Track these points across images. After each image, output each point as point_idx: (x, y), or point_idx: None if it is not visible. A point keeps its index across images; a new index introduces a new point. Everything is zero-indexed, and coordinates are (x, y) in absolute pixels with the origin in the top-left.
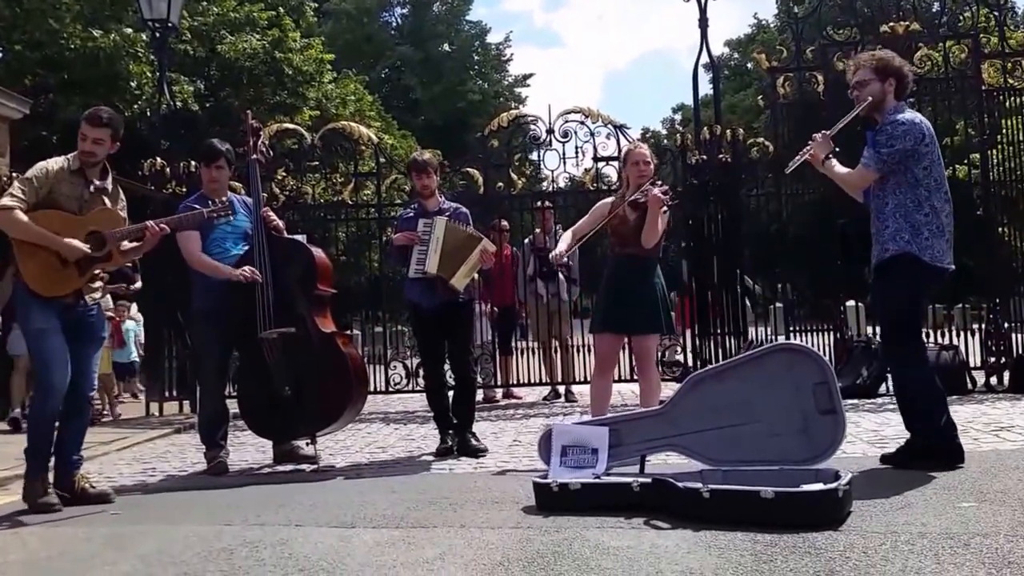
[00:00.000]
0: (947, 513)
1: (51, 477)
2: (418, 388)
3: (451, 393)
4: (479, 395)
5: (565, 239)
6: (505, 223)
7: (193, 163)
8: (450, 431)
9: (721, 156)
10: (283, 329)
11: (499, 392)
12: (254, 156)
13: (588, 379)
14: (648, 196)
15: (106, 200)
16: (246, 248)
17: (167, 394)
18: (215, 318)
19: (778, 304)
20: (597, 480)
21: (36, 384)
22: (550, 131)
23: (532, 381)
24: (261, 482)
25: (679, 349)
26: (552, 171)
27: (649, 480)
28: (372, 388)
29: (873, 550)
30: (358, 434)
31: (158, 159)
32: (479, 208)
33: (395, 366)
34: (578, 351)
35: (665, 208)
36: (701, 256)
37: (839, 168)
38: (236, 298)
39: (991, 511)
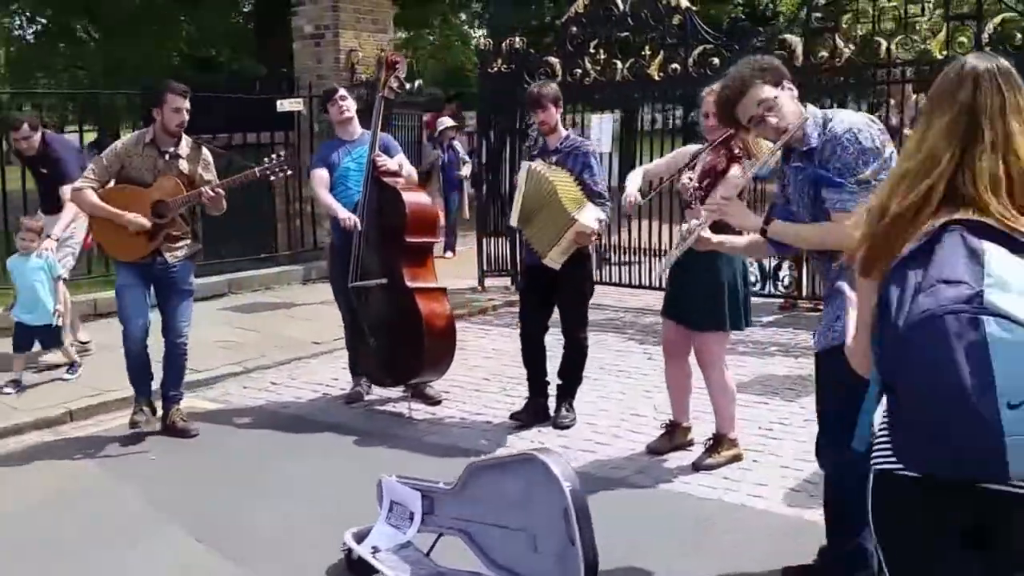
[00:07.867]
0: None
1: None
2: None
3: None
4: None
5: (635, 179)
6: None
7: (519, 39)
8: (540, 397)
9: None
10: (370, 282)
11: None
12: (381, 93)
13: None
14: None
15: (183, 164)
16: None
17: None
18: (342, 252)
19: None
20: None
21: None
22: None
23: None
24: (338, 428)
25: None
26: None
27: None
28: None
29: None
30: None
31: (486, 38)
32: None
33: None
34: None
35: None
36: None
37: (802, 229)
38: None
39: None
